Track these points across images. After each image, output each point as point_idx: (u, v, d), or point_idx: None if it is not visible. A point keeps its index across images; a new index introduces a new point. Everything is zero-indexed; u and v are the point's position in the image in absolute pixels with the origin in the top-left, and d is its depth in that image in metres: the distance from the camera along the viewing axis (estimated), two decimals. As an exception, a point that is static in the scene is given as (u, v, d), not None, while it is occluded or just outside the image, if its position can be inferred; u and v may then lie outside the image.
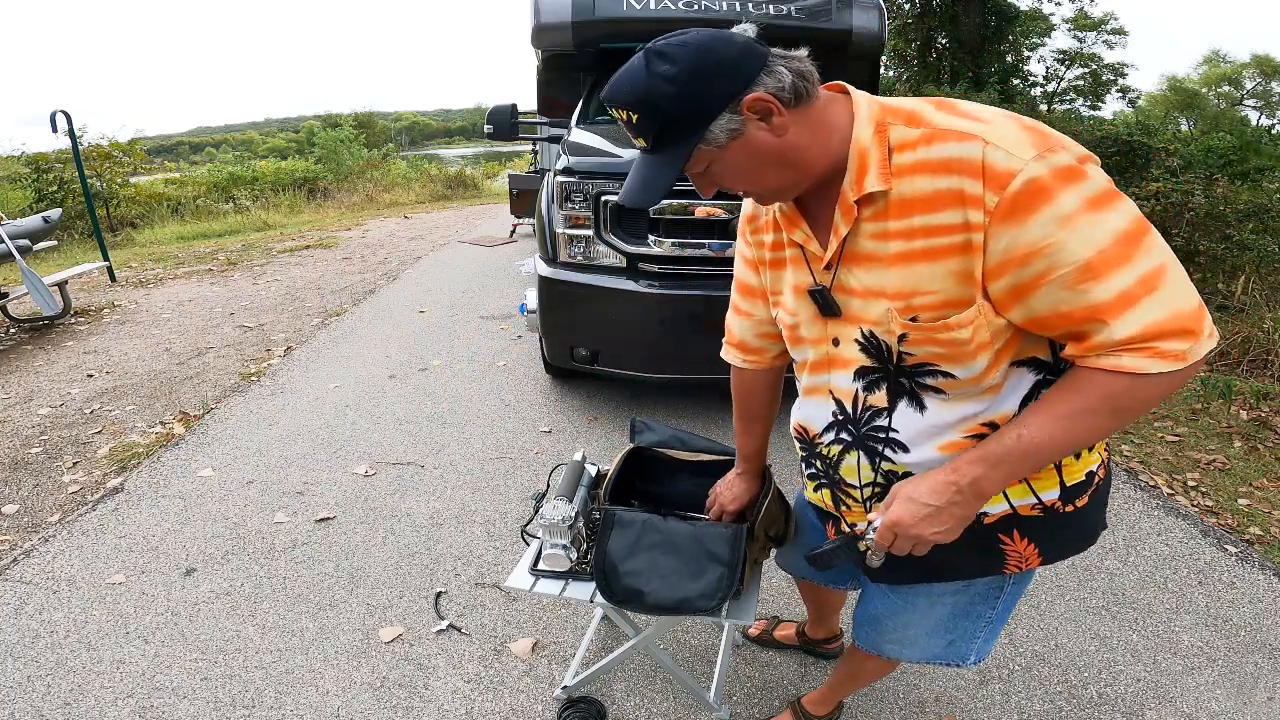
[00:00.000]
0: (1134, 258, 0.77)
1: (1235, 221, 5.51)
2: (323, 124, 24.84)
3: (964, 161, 0.79)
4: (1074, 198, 0.76)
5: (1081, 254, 0.76)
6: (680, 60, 0.83)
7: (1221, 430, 3.33)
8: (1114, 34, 25.72)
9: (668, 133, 0.87)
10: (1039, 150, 0.77)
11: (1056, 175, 0.76)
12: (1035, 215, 0.77)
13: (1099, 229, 0.77)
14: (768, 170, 0.89)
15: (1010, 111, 0.84)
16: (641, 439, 1.65)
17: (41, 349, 4.80)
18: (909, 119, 0.85)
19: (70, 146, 7.06)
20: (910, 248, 0.85)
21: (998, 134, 0.79)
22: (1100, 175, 0.79)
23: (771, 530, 1.51)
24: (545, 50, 4.60)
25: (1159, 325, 0.78)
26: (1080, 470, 0.99)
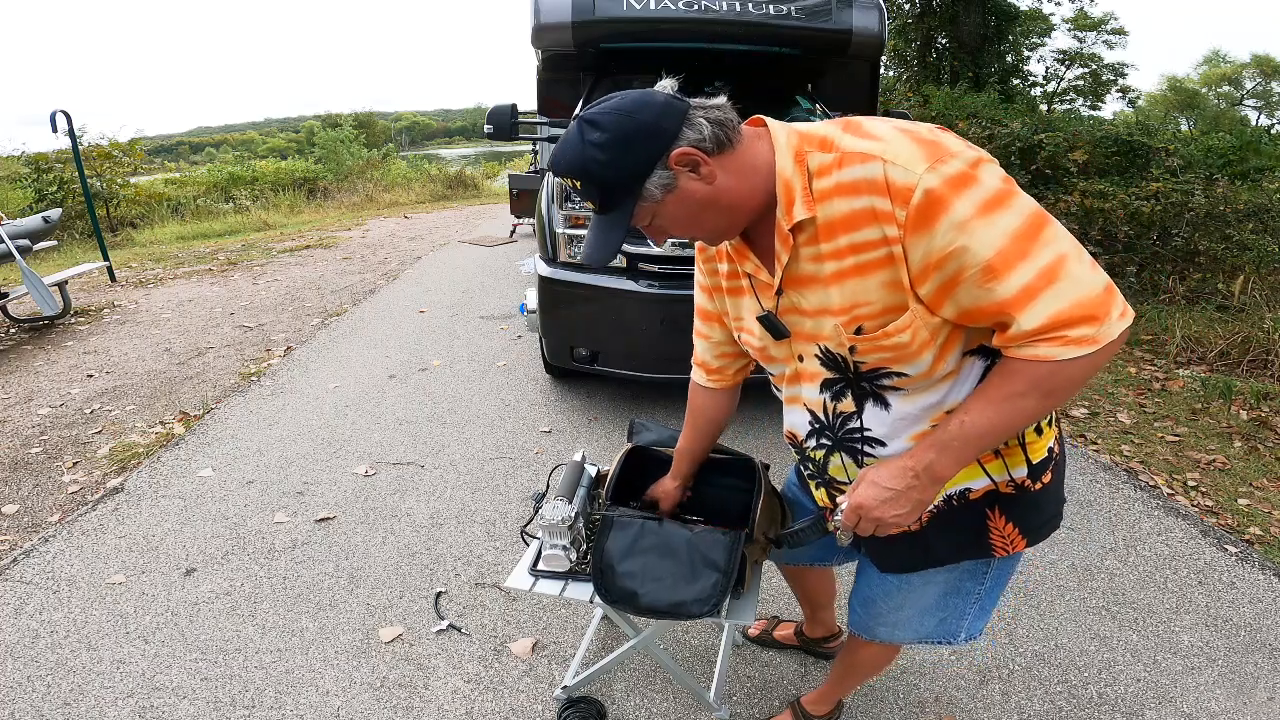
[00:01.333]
0: (1031, 253, 0.82)
1: (1235, 221, 5.52)
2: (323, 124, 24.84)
3: (870, 181, 0.86)
4: (967, 204, 0.82)
5: (982, 255, 0.82)
6: (608, 127, 0.91)
7: (1221, 430, 3.33)
8: (1114, 34, 25.71)
9: (609, 195, 0.95)
10: (929, 163, 0.83)
11: (949, 184, 0.82)
12: (938, 224, 0.83)
13: (994, 230, 0.82)
14: (705, 215, 0.97)
15: (909, 124, 0.89)
16: (640, 439, 1.65)
17: (41, 349, 4.80)
18: (822, 144, 0.92)
19: (70, 146, 7.06)
20: (842, 266, 0.92)
21: (893, 151, 0.85)
22: (992, 177, 0.84)
23: (770, 532, 1.51)
24: (545, 50, 4.60)
25: (1062, 315, 0.83)
26: (1043, 447, 1.07)
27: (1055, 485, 1.13)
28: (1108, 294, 0.84)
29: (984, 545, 1.12)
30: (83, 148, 10.23)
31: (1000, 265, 0.82)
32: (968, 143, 0.87)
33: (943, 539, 1.13)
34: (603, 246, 0.98)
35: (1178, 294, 5.14)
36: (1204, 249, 5.37)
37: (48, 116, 6.52)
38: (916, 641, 1.30)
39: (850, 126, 0.91)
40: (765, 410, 3.42)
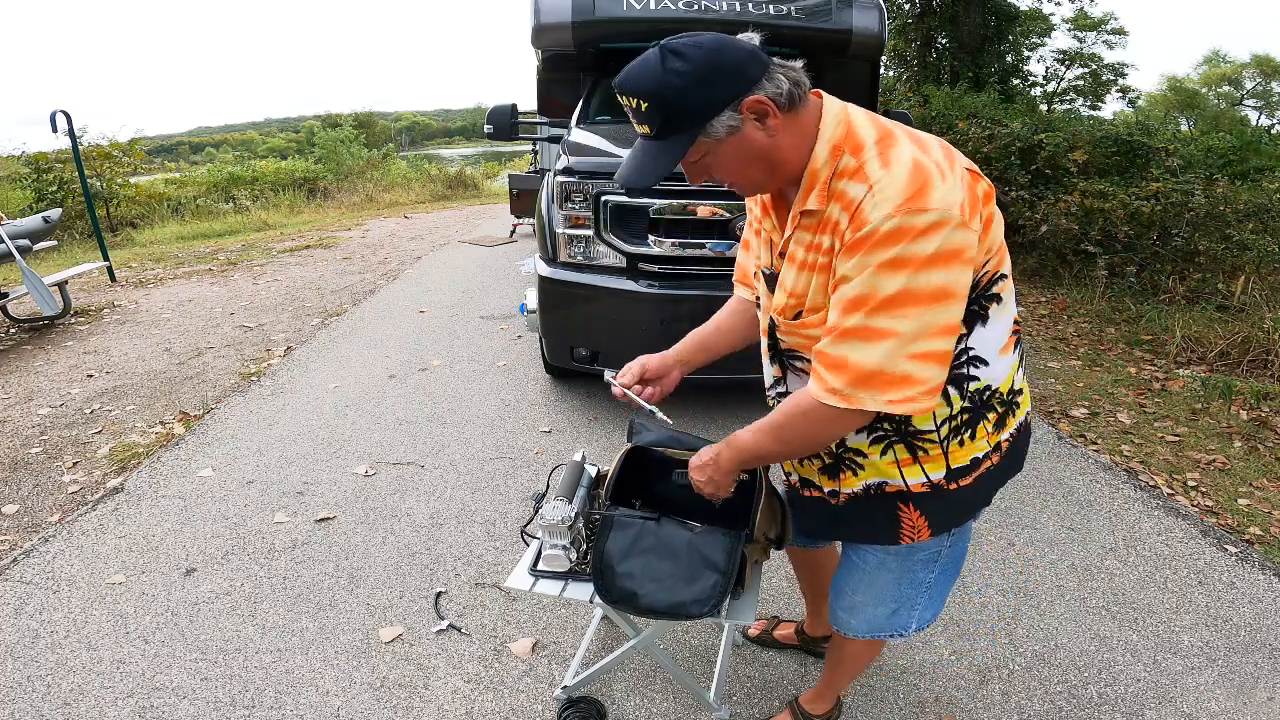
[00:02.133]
0: (876, 313, 0.92)
1: (1235, 221, 5.52)
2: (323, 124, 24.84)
3: (851, 198, 0.94)
4: (883, 255, 0.90)
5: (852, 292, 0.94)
6: (693, 59, 0.93)
7: (1221, 430, 3.33)
8: (1114, 34, 25.70)
9: (673, 123, 0.96)
10: (895, 208, 0.89)
11: (888, 235, 0.90)
12: (854, 255, 0.93)
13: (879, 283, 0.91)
14: (754, 166, 1.01)
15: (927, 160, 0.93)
16: (640, 439, 1.65)
17: (41, 349, 4.80)
18: (854, 149, 0.97)
19: (70, 146, 7.05)
20: (811, 259, 1.02)
21: (883, 184, 0.91)
22: (925, 246, 0.90)
23: (770, 532, 1.51)
24: (545, 50, 4.60)
25: (840, 361, 0.96)
26: (965, 455, 1.14)
27: (974, 491, 1.17)
28: (880, 379, 0.94)
29: (894, 533, 1.21)
30: (83, 148, 10.22)
31: (855, 303, 0.94)
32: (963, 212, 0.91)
33: (858, 522, 1.24)
34: (645, 171, 1.00)
35: (1178, 294, 5.14)
36: (1204, 249, 5.37)
37: (48, 116, 6.52)
38: (871, 634, 1.36)
39: (884, 143, 0.96)
40: (764, 411, 3.42)
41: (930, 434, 1.10)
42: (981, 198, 0.98)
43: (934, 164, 0.93)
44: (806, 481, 1.30)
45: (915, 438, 1.11)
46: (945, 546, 1.26)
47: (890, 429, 1.11)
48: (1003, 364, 1.11)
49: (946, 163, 0.95)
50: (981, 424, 1.13)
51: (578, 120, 3.96)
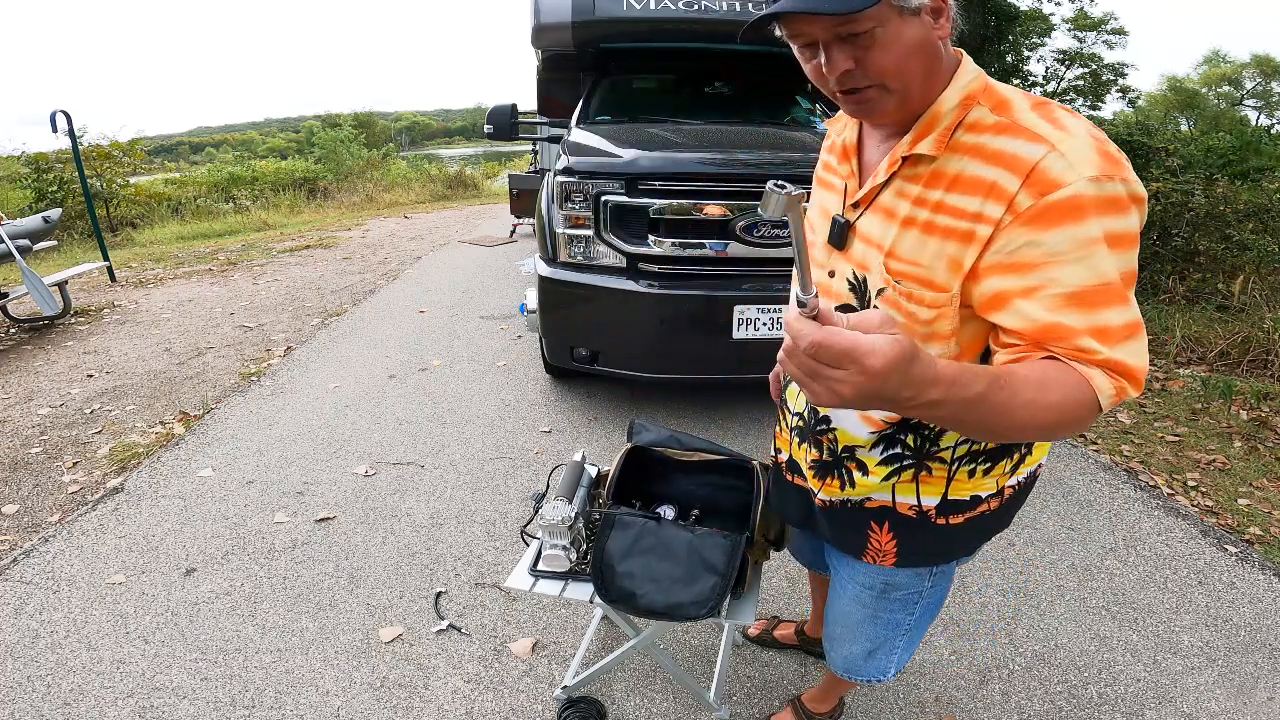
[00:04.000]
0: (1129, 300, 0.79)
1: (1235, 221, 5.51)
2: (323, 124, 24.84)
3: (1018, 159, 0.79)
4: (1097, 225, 0.76)
5: (1072, 278, 0.77)
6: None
7: (1221, 430, 3.33)
8: (1114, 34, 25.69)
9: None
10: (1101, 173, 0.76)
11: (1102, 202, 0.76)
12: (1058, 227, 0.76)
13: (1099, 260, 0.76)
14: (912, 61, 0.84)
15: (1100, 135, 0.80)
16: (640, 439, 1.65)
17: (41, 349, 4.80)
18: (997, 105, 0.85)
19: (70, 146, 7.05)
20: (921, 216, 0.87)
21: (1069, 145, 0.77)
22: (1137, 220, 0.79)
23: (770, 534, 1.51)
24: (545, 50, 4.60)
25: (1131, 367, 0.78)
26: (968, 490, 1.02)
27: (962, 534, 1.06)
28: (1145, 366, 0.80)
29: (857, 546, 1.13)
30: (83, 148, 10.23)
31: (1097, 298, 0.76)
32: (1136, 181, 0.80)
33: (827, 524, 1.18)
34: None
35: (1178, 294, 5.14)
36: (1204, 249, 5.37)
37: (48, 116, 6.52)
38: (846, 673, 1.32)
39: (1041, 107, 0.84)
40: (765, 411, 3.43)
41: (944, 452, 0.99)
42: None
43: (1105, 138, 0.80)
44: (794, 467, 1.23)
45: (930, 460, 1.00)
46: (926, 587, 1.17)
47: (910, 451, 1.00)
48: None
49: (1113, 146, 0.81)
50: (1005, 460, 1.00)
51: (578, 120, 3.96)
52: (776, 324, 2.93)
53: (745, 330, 2.92)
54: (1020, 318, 0.79)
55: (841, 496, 1.10)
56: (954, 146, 0.85)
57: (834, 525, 1.15)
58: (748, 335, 2.93)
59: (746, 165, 2.97)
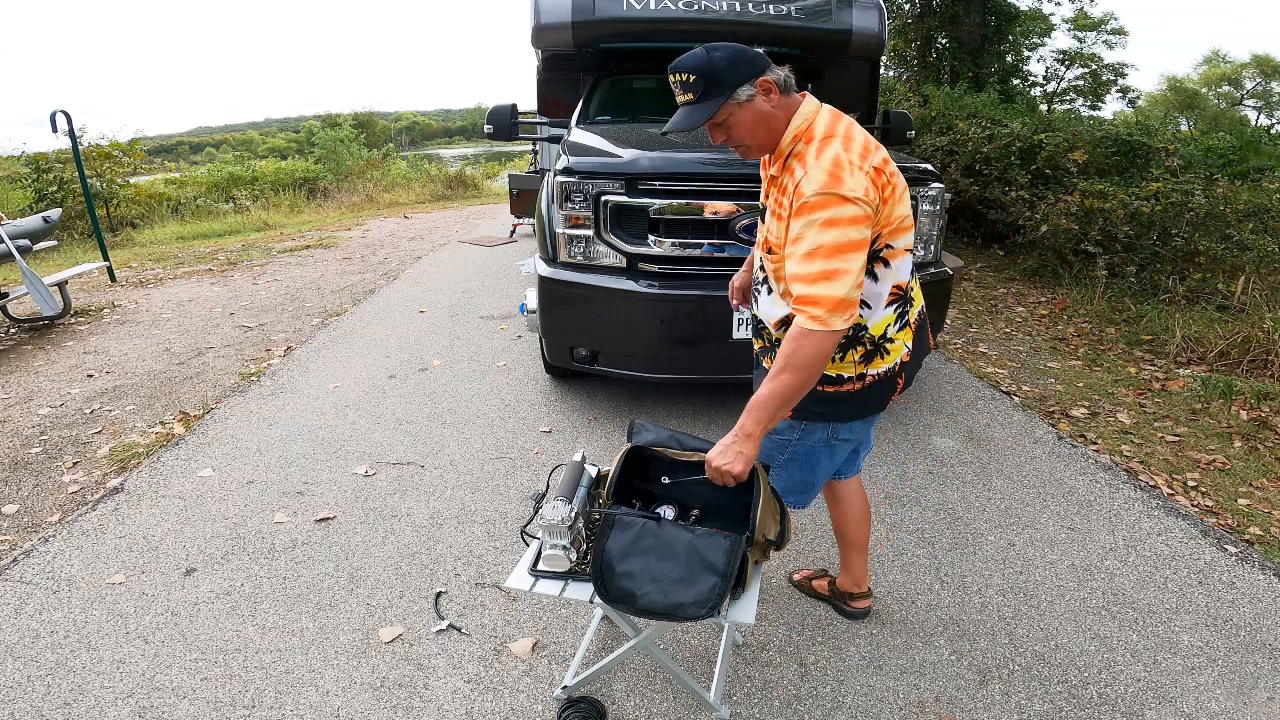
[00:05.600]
0: (822, 259, 1.35)
1: (1235, 221, 5.51)
2: (323, 124, 24.82)
3: (797, 175, 1.42)
4: (820, 216, 1.36)
5: (804, 246, 1.37)
6: (727, 50, 1.42)
7: (1221, 430, 3.33)
8: (1114, 34, 25.67)
9: (711, 89, 1.41)
10: (822, 186, 1.36)
11: (819, 202, 1.36)
12: (801, 217, 1.39)
13: (817, 238, 1.36)
14: (757, 129, 1.46)
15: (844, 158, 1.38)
16: (640, 439, 1.65)
17: (41, 349, 4.80)
18: (807, 139, 1.44)
19: (70, 146, 7.05)
20: (775, 209, 1.52)
21: (814, 171, 1.38)
22: (843, 212, 1.35)
23: (770, 533, 1.51)
24: (545, 50, 4.61)
25: (811, 297, 1.35)
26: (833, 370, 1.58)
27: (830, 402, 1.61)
28: (845, 303, 1.34)
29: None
30: (83, 148, 10.23)
31: (807, 255, 1.37)
32: (866, 194, 1.36)
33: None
34: (692, 122, 1.43)
35: (1178, 294, 5.13)
36: (1204, 249, 5.36)
37: (48, 116, 6.52)
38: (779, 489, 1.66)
39: (825, 141, 1.41)
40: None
41: None
42: (880, 187, 1.41)
43: (848, 161, 1.38)
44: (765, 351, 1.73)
45: None
46: (794, 439, 1.68)
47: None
48: (880, 313, 1.56)
49: (860, 161, 1.39)
50: (850, 352, 1.57)
51: (578, 120, 3.96)
52: (776, 324, 2.93)
53: (745, 330, 2.92)
54: (788, 269, 1.42)
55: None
56: (785, 168, 1.47)
57: None
58: (748, 335, 2.93)
59: (746, 165, 2.96)
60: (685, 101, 1.43)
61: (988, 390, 3.79)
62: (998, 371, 4.09)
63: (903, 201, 1.47)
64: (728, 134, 1.46)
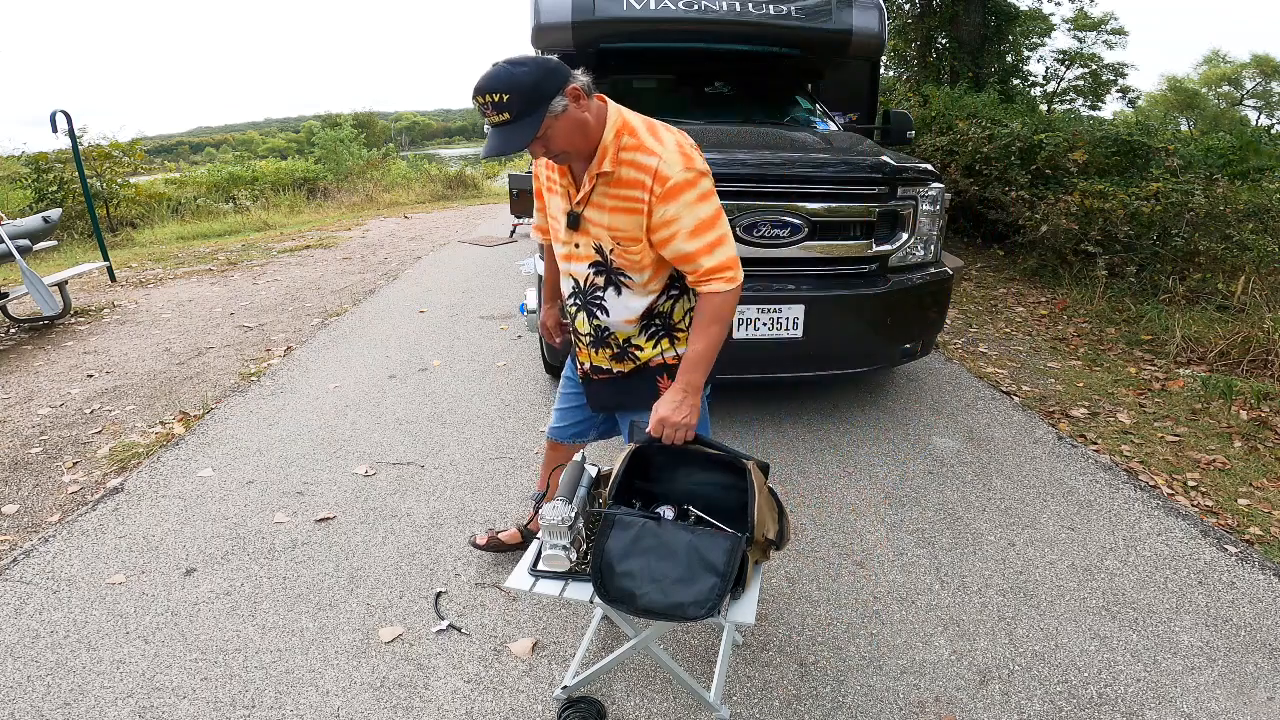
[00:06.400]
0: (711, 229, 1.48)
1: (1235, 221, 5.50)
2: (323, 124, 24.81)
3: (647, 167, 1.45)
4: (692, 194, 1.45)
5: (690, 224, 1.47)
6: (530, 63, 1.38)
7: (1221, 430, 3.33)
8: (1114, 34, 25.68)
9: (527, 105, 1.37)
10: (684, 167, 1.44)
11: (687, 182, 1.45)
12: (674, 200, 1.45)
13: (698, 212, 1.47)
14: (575, 137, 1.45)
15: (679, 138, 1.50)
16: (641, 439, 1.65)
17: (41, 349, 4.80)
18: (631, 132, 1.48)
19: (70, 146, 7.05)
20: (619, 204, 1.51)
21: (667, 155, 1.45)
22: (707, 183, 1.48)
23: (770, 533, 1.51)
24: (545, 50, 4.60)
25: (721, 264, 1.50)
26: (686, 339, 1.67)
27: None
28: (737, 258, 1.52)
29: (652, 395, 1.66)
30: (83, 148, 10.22)
31: (696, 230, 1.47)
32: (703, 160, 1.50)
33: (632, 392, 1.73)
34: (513, 144, 1.40)
35: (1178, 294, 5.13)
36: (1204, 249, 5.36)
37: (48, 116, 6.52)
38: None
39: (651, 130, 1.50)
40: (766, 411, 3.43)
41: (682, 323, 1.67)
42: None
43: (686, 142, 1.50)
44: (598, 369, 1.76)
45: (674, 330, 1.67)
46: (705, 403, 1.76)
47: (659, 326, 1.66)
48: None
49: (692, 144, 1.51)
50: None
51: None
52: (776, 324, 2.93)
53: (745, 330, 2.92)
54: (674, 250, 1.51)
55: (635, 367, 1.71)
56: (618, 162, 1.48)
57: (632, 390, 1.73)
58: (747, 335, 2.93)
59: (746, 165, 2.97)
60: (501, 122, 1.38)
61: (988, 390, 3.79)
62: (998, 371, 4.09)
63: None
64: (547, 146, 1.44)
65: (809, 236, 2.93)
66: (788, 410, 3.44)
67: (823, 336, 3.00)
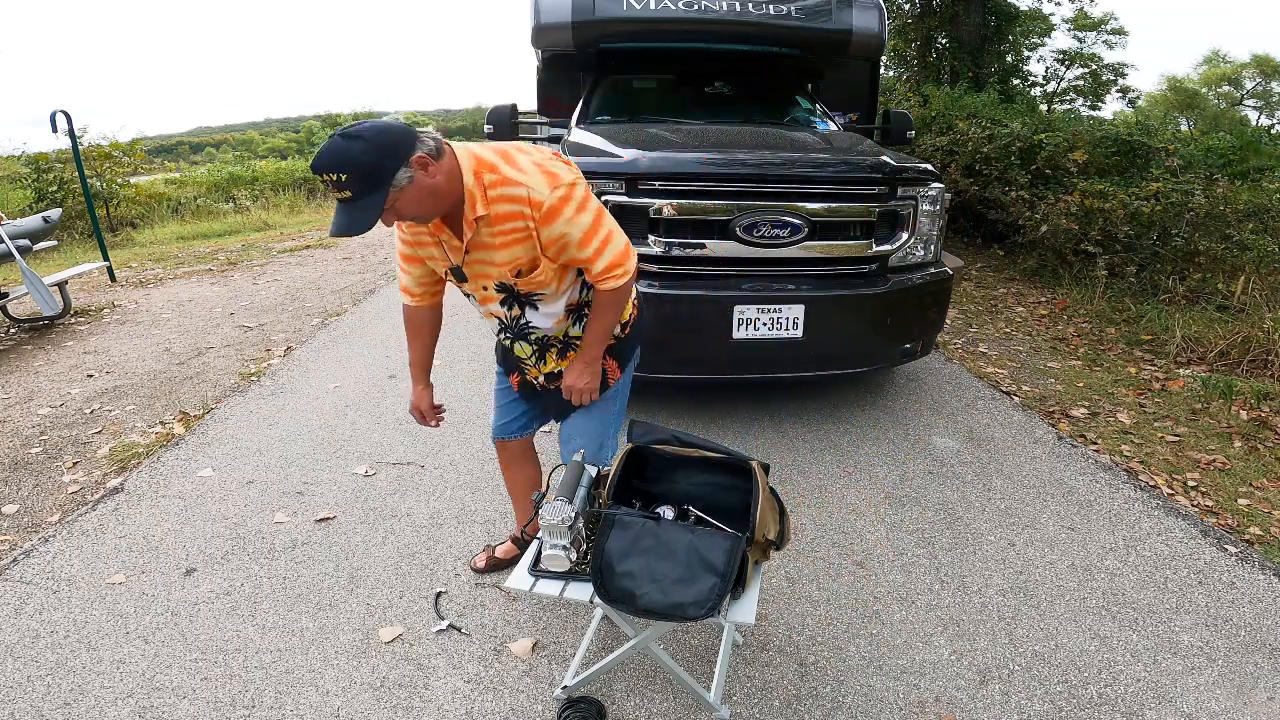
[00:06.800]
0: (596, 234, 1.56)
1: (1235, 221, 5.50)
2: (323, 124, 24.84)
3: (519, 197, 1.48)
4: (569, 209, 1.50)
5: (577, 236, 1.53)
6: (370, 138, 1.32)
7: (1221, 430, 3.33)
8: (1114, 34, 25.70)
9: (368, 184, 1.33)
10: (551, 187, 1.47)
11: (561, 200, 1.49)
12: (556, 220, 1.50)
13: (580, 223, 1.53)
14: (427, 202, 1.43)
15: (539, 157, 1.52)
16: (640, 439, 1.65)
17: (41, 349, 4.80)
18: (490, 169, 1.48)
19: (70, 146, 7.05)
20: (507, 239, 1.53)
21: (533, 181, 1.47)
22: (580, 192, 1.52)
23: (770, 533, 1.51)
24: (545, 50, 4.61)
25: (613, 263, 1.59)
26: (626, 315, 1.84)
27: (635, 331, 1.90)
28: (628, 250, 1.62)
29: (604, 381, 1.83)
30: (83, 148, 10.22)
31: (584, 240, 1.54)
32: (572, 168, 1.53)
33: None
34: (359, 225, 1.36)
35: (1178, 294, 5.13)
36: (1204, 249, 5.36)
37: (48, 116, 6.52)
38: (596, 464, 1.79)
39: (508, 159, 1.49)
40: (766, 411, 3.43)
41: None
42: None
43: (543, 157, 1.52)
44: (551, 376, 1.85)
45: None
46: (621, 386, 1.89)
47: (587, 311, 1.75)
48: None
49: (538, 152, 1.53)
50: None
51: (578, 120, 3.95)
52: (776, 324, 2.93)
53: (745, 330, 2.93)
54: (569, 258, 1.59)
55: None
56: (491, 201, 1.48)
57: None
58: (747, 335, 2.94)
59: (746, 165, 2.97)
60: (344, 199, 1.34)
61: (988, 390, 3.79)
62: (998, 371, 4.09)
63: None
64: (399, 215, 1.42)
65: (809, 236, 2.93)
66: (788, 410, 3.44)
67: (823, 336, 3.00)
